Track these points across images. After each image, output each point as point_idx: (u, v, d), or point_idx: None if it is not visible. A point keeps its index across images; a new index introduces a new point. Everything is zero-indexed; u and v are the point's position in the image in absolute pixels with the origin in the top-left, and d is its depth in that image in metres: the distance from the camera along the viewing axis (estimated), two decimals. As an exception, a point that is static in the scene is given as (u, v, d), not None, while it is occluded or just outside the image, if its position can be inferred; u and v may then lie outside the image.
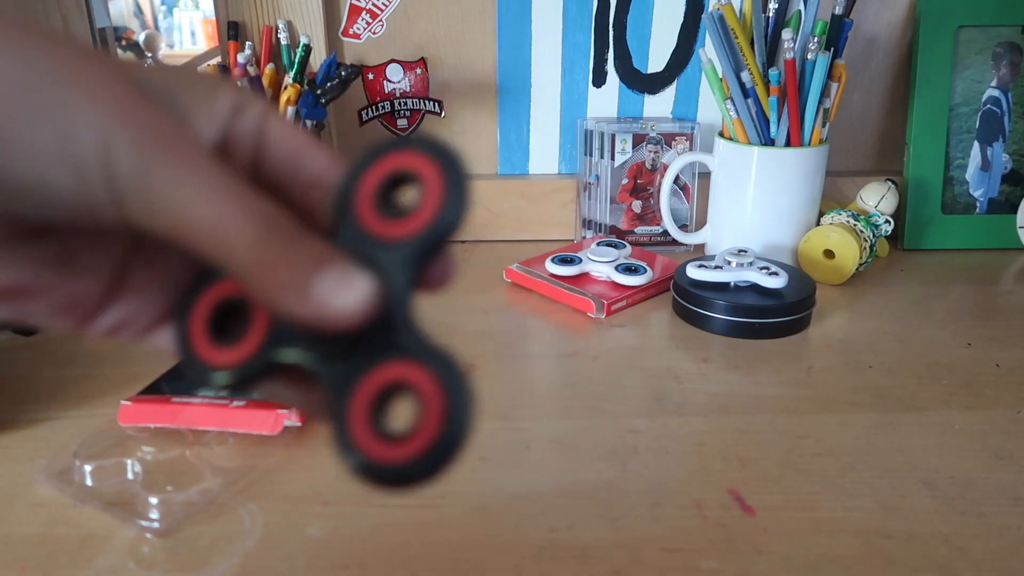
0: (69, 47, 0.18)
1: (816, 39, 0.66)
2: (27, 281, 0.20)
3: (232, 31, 0.75)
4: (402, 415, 0.20)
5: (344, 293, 0.19)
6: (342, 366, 0.20)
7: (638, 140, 0.78)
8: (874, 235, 0.71)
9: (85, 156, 0.18)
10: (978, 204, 0.80)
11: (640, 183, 0.79)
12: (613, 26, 0.79)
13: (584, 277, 0.68)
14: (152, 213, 0.18)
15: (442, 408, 0.20)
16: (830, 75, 0.67)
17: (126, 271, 0.22)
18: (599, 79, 0.81)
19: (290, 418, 0.45)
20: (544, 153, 0.84)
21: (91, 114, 0.18)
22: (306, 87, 0.70)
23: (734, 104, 0.69)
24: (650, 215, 0.80)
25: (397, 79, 0.81)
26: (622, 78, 0.81)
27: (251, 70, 0.67)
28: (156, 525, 0.38)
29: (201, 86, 0.21)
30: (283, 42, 0.74)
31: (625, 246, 0.72)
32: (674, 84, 0.82)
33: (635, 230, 0.81)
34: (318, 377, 0.20)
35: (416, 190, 0.21)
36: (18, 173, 0.18)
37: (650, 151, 0.78)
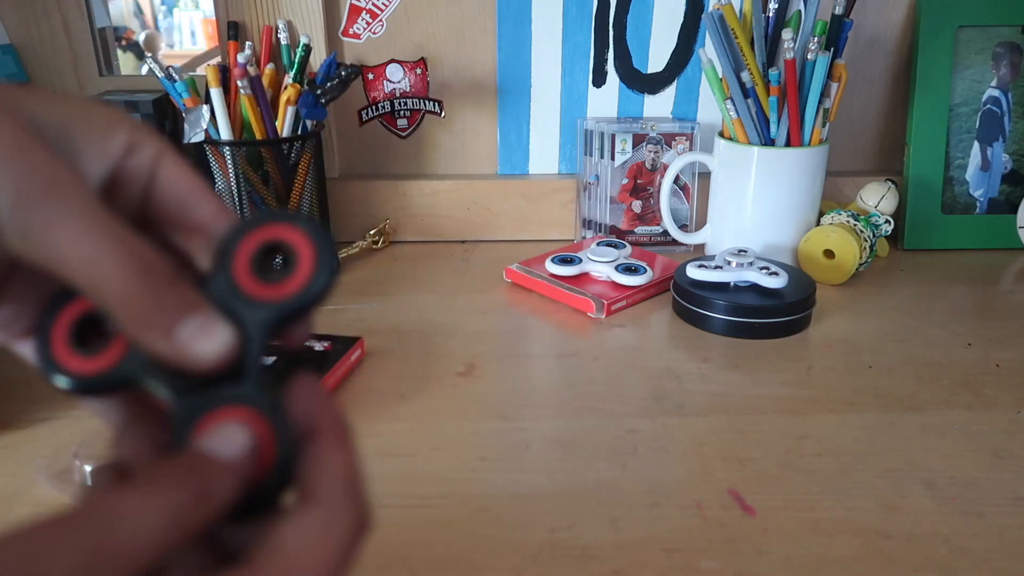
0: None
1: (816, 39, 0.66)
2: None
3: (232, 31, 0.75)
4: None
5: (204, 340, 0.21)
6: (188, 401, 0.21)
7: (638, 140, 0.78)
8: (874, 235, 0.71)
9: None
10: (978, 204, 0.80)
11: (640, 183, 0.79)
12: (613, 26, 0.79)
13: (584, 277, 0.68)
14: (30, 250, 0.20)
15: (272, 456, 0.21)
16: (830, 75, 0.67)
17: (5, 282, 0.23)
18: (599, 79, 0.81)
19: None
20: (544, 153, 0.84)
21: None
22: (306, 87, 0.70)
23: (734, 104, 0.69)
24: (650, 215, 0.80)
25: (397, 79, 0.81)
26: (622, 78, 0.81)
27: (251, 70, 0.67)
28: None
29: (97, 120, 0.22)
30: (283, 42, 0.74)
31: (625, 246, 0.72)
32: (674, 84, 0.82)
33: (635, 230, 0.81)
34: (167, 405, 0.22)
35: (289, 261, 0.23)
36: None
37: (650, 151, 0.78)
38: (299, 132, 0.71)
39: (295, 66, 0.72)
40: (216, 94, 0.68)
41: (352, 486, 0.22)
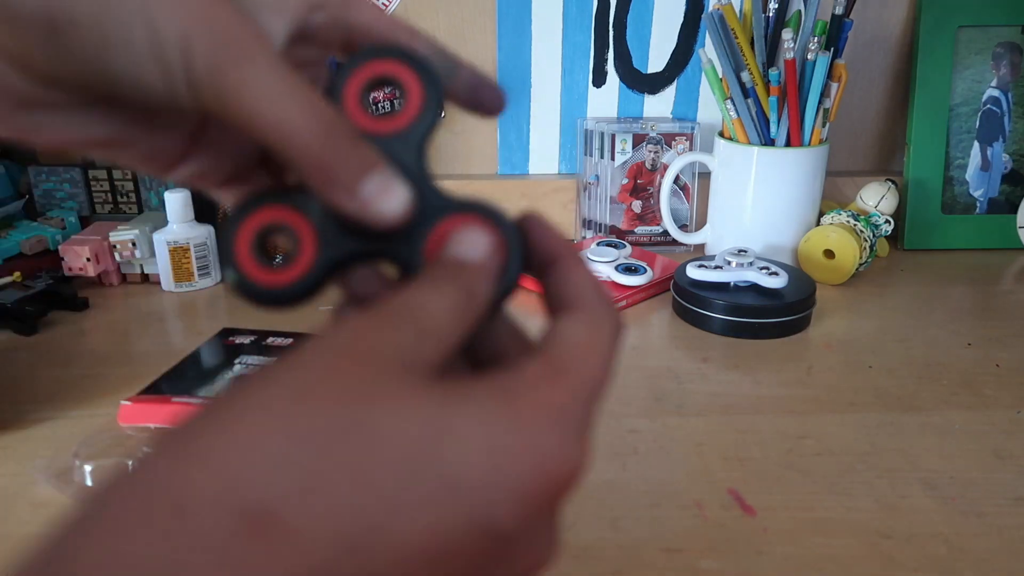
0: None
1: (816, 39, 0.66)
2: (118, 136, 0.24)
3: (232, 31, 0.75)
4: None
5: (386, 198, 0.22)
6: (407, 241, 0.23)
7: (638, 140, 0.78)
8: (874, 235, 0.71)
9: (169, 56, 0.20)
10: (978, 204, 0.80)
11: (640, 183, 0.79)
12: (613, 26, 0.79)
13: (584, 277, 0.68)
14: (225, 107, 0.21)
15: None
16: (830, 75, 0.67)
17: (201, 134, 0.25)
18: (599, 79, 0.81)
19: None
20: (544, 153, 0.84)
21: (175, 19, 0.20)
22: (306, 87, 0.70)
23: (734, 104, 0.69)
24: (650, 215, 0.80)
25: (397, 79, 0.81)
26: (622, 78, 0.81)
27: (251, 70, 0.67)
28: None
29: None
30: (283, 42, 0.74)
31: (625, 246, 0.72)
32: (674, 84, 0.82)
33: (635, 230, 0.81)
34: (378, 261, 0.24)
35: (399, 95, 0.24)
36: (117, 68, 0.21)
37: (650, 151, 0.78)
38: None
39: (295, 66, 0.72)
40: (216, 94, 0.68)
41: (604, 291, 0.23)
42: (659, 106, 0.82)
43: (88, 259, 0.67)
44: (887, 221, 0.73)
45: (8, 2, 0.20)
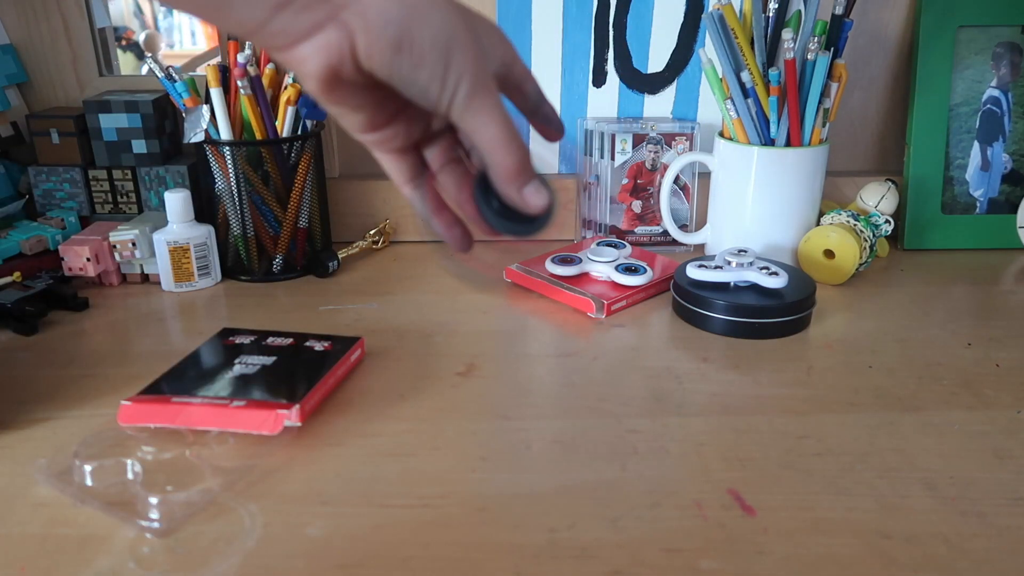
0: (466, 12, 0.34)
1: (816, 39, 0.66)
2: (366, 104, 0.36)
3: (232, 31, 0.75)
4: None
5: (537, 196, 0.37)
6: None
7: (638, 140, 0.78)
8: (874, 235, 0.71)
9: (450, 81, 0.33)
10: (978, 204, 0.80)
11: (640, 183, 0.79)
12: (613, 26, 0.79)
13: (584, 277, 0.68)
14: (464, 121, 0.34)
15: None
16: (830, 75, 0.67)
17: (398, 115, 0.37)
18: (599, 79, 0.81)
19: (290, 418, 0.45)
20: (544, 153, 0.84)
21: (461, 59, 0.33)
22: (306, 87, 0.70)
23: (734, 104, 0.69)
24: (650, 215, 0.80)
25: (397, 79, 0.81)
26: (622, 78, 0.81)
27: (251, 70, 0.67)
28: (156, 525, 0.38)
29: (496, 39, 0.36)
30: (283, 42, 0.74)
31: (625, 246, 0.72)
32: (674, 84, 0.82)
33: (635, 230, 0.81)
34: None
35: None
36: (420, 79, 0.33)
37: (650, 151, 0.78)
38: (299, 132, 0.71)
39: (295, 66, 0.71)
40: (216, 94, 0.68)
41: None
42: (659, 106, 0.82)
43: (88, 259, 0.67)
44: (887, 221, 0.73)
45: (375, 23, 0.32)
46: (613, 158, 0.78)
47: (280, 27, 0.32)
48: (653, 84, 0.82)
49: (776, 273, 0.61)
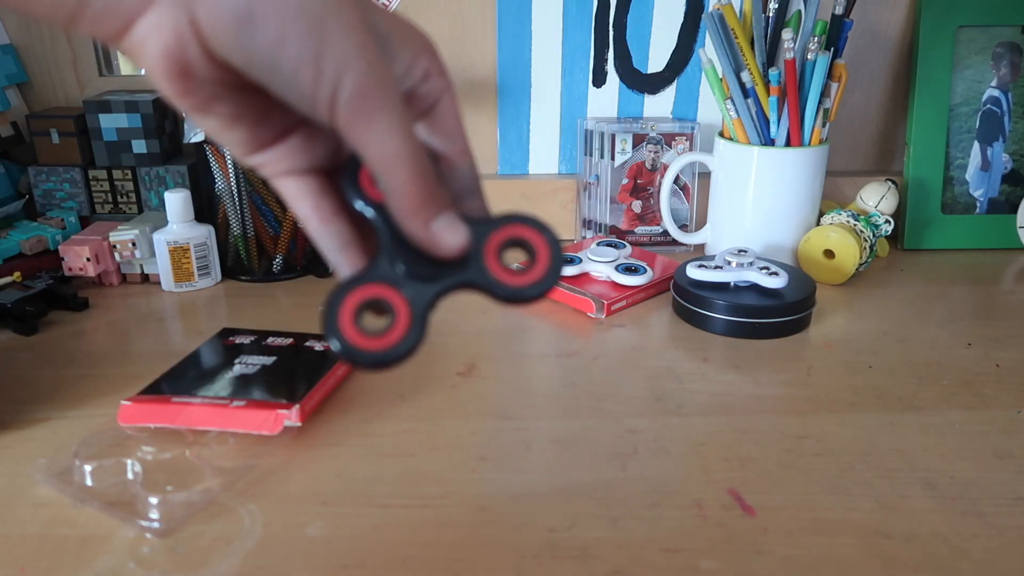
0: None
1: (816, 39, 0.66)
2: (242, 115, 0.28)
3: (232, 31, 0.75)
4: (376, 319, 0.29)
5: (450, 234, 0.28)
6: (427, 288, 0.29)
7: (638, 140, 0.78)
8: (874, 235, 0.71)
9: (327, 69, 0.25)
10: (978, 204, 0.80)
11: (640, 183, 0.79)
12: (613, 26, 0.79)
13: (584, 277, 0.68)
14: (351, 129, 0.26)
15: (404, 328, 0.29)
16: (830, 75, 0.67)
17: (289, 134, 0.29)
18: (599, 79, 0.81)
19: (290, 418, 0.45)
20: (544, 153, 0.84)
21: (342, 42, 0.25)
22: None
23: (734, 104, 0.69)
24: (650, 215, 0.80)
25: (397, 79, 0.81)
26: (622, 78, 0.81)
27: (251, 70, 0.67)
28: (156, 525, 0.38)
29: (412, 40, 0.28)
30: (283, 42, 0.74)
31: (625, 246, 0.72)
32: (674, 84, 0.82)
33: (635, 230, 0.81)
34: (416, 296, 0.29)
35: (531, 255, 0.30)
36: (285, 64, 0.25)
37: (650, 151, 0.78)
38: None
39: (295, 66, 0.71)
40: (216, 94, 0.68)
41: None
42: (659, 106, 0.82)
43: (88, 259, 0.67)
44: (887, 221, 0.73)
45: None
46: (613, 158, 0.78)
47: (102, 4, 0.25)
48: (653, 84, 0.82)
49: (776, 273, 0.61)
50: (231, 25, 0.25)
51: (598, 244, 0.72)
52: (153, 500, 0.39)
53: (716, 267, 0.63)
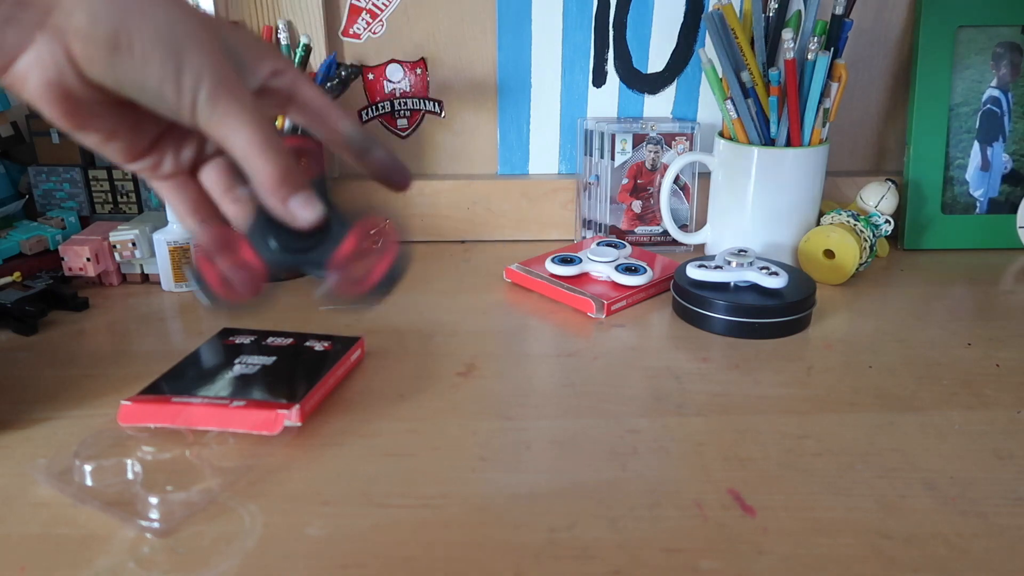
0: (207, 16, 0.32)
1: (816, 39, 0.66)
2: (116, 129, 0.33)
3: (232, 31, 0.75)
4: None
5: (305, 209, 0.34)
6: (289, 256, 0.36)
7: (638, 140, 0.78)
8: (874, 235, 0.71)
9: (186, 82, 0.30)
10: (978, 204, 0.80)
11: (640, 183, 0.79)
12: (613, 26, 0.79)
13: (584, 277, 0.68)
14: (209, 127, 0.31)
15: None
16: (830, 75, 0.67)
17: (162, 139, 0.35)
18: (599, 79, 0.81)
19: (290, 418, 0.45)
20: (544, 153, 0.84)
21: (196, 59, 0.30)
22: (306, 87, 0.70)
23: (734, 104, 0.69)
24: (650, 215, 0.80)
25: (397, 79, 0.81)
26: (622, 78, 0.81)
27: (251, 70, 0.67)
28: (156, 525, 0.38)
29: (255, 48, 0.34)
30: (283, 42, 0.74)
31: (625, 246, 0.72)
32: (674, 84, 0.82)
33: (635, 230, 0.81)
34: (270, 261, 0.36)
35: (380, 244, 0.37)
36: (150, 81, 0.30)
37: (650, 151, 0.78)
38: (299, 132, 0.71)
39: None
40: (216, 94, 0.68)
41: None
42: (659, 106, 0.83)
43: (88, 259, 0.67)
44: (887, 221, 0.73)
45: (83, 22, 0.29)
46: (613, 158, 0.78)
47: None
48: (653, 84, 0.82)
49: (776, 273, 0.61)
50: (102, 54, 0.29)
51: (598, 244, 0.72)
52: (153, 500, 0.39)
53: (716, 267, 0.63)
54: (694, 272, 0.63)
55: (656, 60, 0.81)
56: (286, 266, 0.35)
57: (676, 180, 0.77)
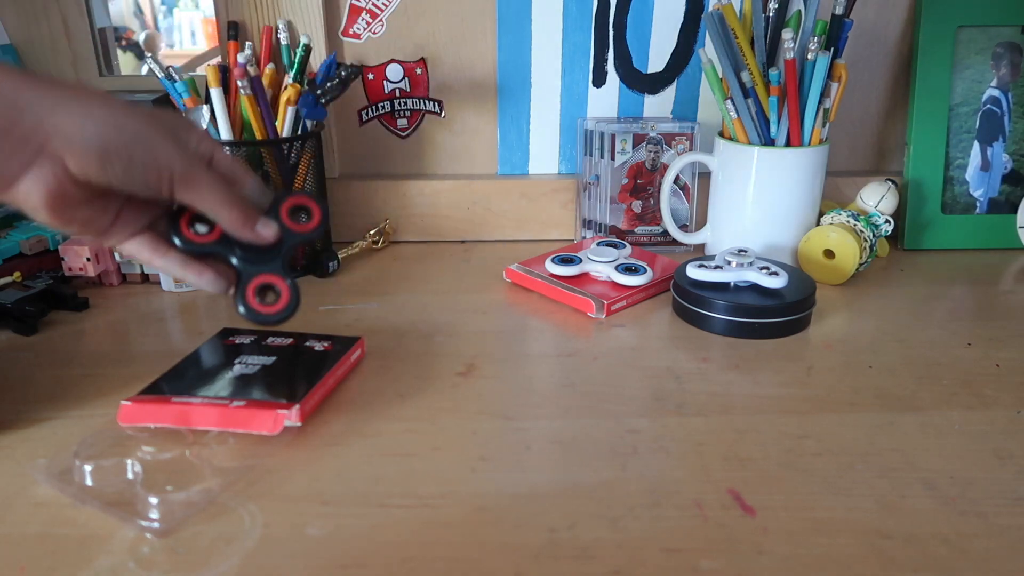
0: (155, 113, 0.40)
1: (816, 39, 0.66)
2: (94, 213, 0.41)
3: (232, 31, 0.75)
4: (270, 296, 0.45)
5: (266, 229, 0.44)
6: (249, 267, 0.45)
7: (638, 140, 0.78)
8: (874, 235, 0.71)
9: (163, 173, 0.40)
10: (978, 204, 0.80)
11: (640, 183, 0.79)
12: (613, 26, 0.79)
13: (584, 277, 0.68)
14: (185, 197, 0.41)
15: (287, 297, 0.45)
16: (830, 75, 0.67)
17: (121, 211, 0.42)
18: (599, 79, 0.81)
19: (290, 418, 0.45)
20: (544, 153, 0.84)
21: (164, 154, 0.39)
22: (306, 87, 0.70)
23: (734, 104, 0.69)
24: (650, 215, 0.80)
25: (397, 79, 0.81)
26: (622, 78, 0.81)
27: (251, 70, 0.67)
28: (156, 525, 0.38)
29: (186, 128, 0.42)
30: (283, 42, 0.74)
31: (625, 246, 0.72)
32: (674, 84, 0.82)
33: (635, 230, 0.81)
34: (238, 268, 0.45)
35: (308, 216, 0.47)
36: (136, 173, 0.39)
37: (650, 151, 0.78)
38: (299, 132, 0.71)
39: (295, 66, 0.72)
40: (216, 94, 0.68)
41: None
42: (659, 106, 0.83)
43: (88, 259, 0.67)
44: (887, 221, 0.73)
45: (77, 145, 0.37)
46: (613, 158, 0.78)
47: None
48: (653, 84, 0.82)
49: (776, 273, 0.61)
50: (95, 163, 0.37)
51: (598, 244, 0.72)
52: (153, 500, 0.39)
53: (716, 267, 0.63)
54: (694, 272, 0.63)
55: (656, 60, 0.81)
56: (256, 273, 0.45)
57: (676, 180, 0.77)
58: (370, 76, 0.81)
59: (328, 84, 0.69)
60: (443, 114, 0.82)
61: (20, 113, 0.36)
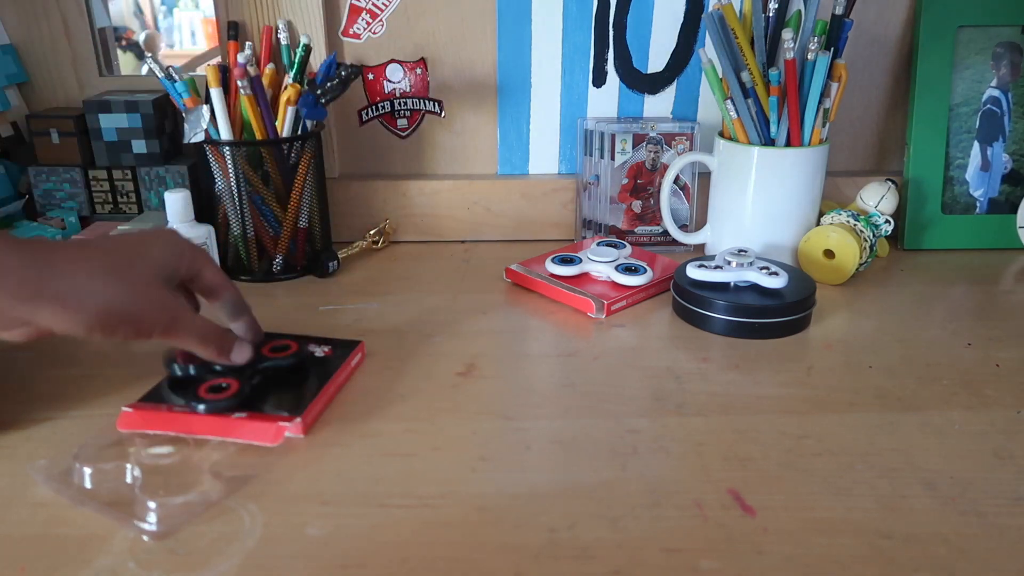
0: (148, 263, 0.44)
1: (816, 39, 0.66)
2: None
3: (232, 31, 0.75)
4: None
5: (241, 355, 0.48)
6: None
7: (638, 140, 0.78)
8: (874, 235, 0.71)
9: (154, 330, 0.44)
10: (978, 204, 0.80)
11: (640, 183, 0.79)
12: (613, 26, 0.79)
13: (584, 277, 0.68)
14: (171, 341, 0.45)
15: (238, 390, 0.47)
16: (830, 75, 0.67)
17: None
18: (599, 79, 0.81)
19: (291, 430, 0.45)
20: (544, 153, 0.84)
21: (150, 314, 0.43)
22: (306, 87, 0.70)
23: (734, 104, 0.69)
24: (650, 215, 0.80)
25: (397, 79, 0.81)
26: (622, 78, 0.81)
27: (251, 70, 0.67)
28: (155, 529, 0.38)
29: (174, 256, 0.46)
30: (283, 42, 0.74)
31: (625, 246, 0.72)
32: (674, 84, 0.82)
33: (635, 230, 0.81)
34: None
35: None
36: (120, 337, 0.42)
37: (650, 151, 0.78)
38: (299, 132, 0.71)
39: (295, 66, 0.72)
40: (216, 94, 0.68)
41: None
42: (659, 106, 0.82)
43: (88, 259, 0.67)
44: (887, 221, 0.73)
45: (62, 323, 0.40)
46: (613, 158, 0.78)
47: None
48: (653, 84, 0.82)
49: (776, 273, 0.61)
50: (82, 334, 0.41)
51: (598, 244, 0.72)
52: (152, 504, 0.39)
53: (716, 267, 0.63)
54: (694, 272, 0.63)
55: (656, 60, 0.81)
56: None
57: (676, 180, 0.77)
58: (370, 76, 0.81)
59: (328, 84, 0.69)
60: (443, 114, 0.82)
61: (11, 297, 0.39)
